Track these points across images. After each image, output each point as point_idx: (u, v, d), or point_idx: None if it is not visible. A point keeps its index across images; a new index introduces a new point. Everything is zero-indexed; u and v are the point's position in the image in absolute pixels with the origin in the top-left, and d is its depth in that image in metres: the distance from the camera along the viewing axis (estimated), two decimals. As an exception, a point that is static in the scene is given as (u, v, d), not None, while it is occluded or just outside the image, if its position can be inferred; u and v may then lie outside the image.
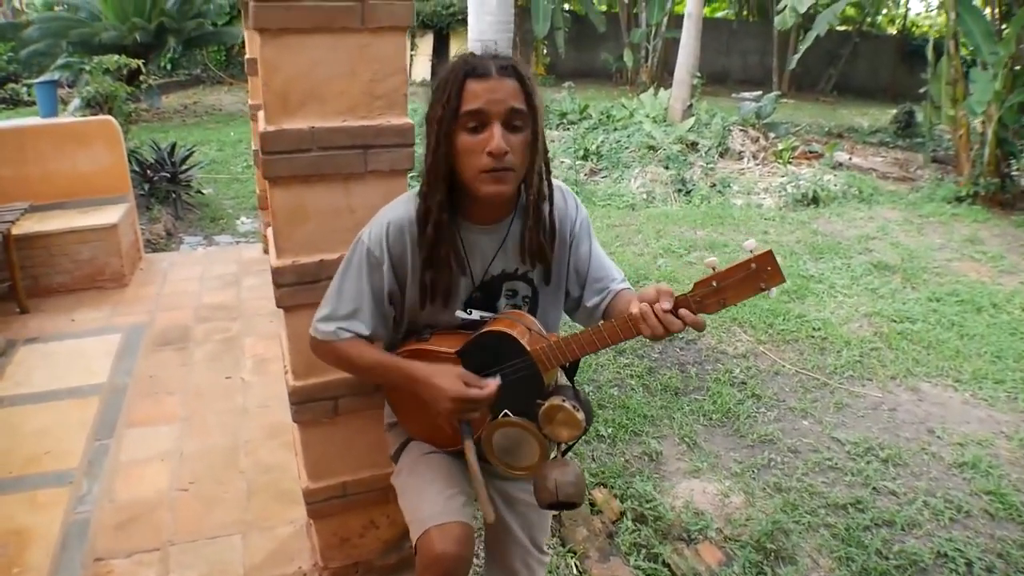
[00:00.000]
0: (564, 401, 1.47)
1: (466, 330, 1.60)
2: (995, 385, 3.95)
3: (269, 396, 3.10)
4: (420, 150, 1.59)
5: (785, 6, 8.51)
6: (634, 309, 1.36)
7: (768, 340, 4.40)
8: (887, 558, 2.63)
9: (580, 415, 1.47)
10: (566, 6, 18.24)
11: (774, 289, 1.28)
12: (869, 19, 20.95)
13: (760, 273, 1.27)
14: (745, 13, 22.41)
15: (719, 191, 8.07)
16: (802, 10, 8.50)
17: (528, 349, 1.49)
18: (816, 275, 5.42)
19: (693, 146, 9.21)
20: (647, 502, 2.85)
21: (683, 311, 1.34)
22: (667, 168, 8.39)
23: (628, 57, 17.16)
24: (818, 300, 4.99)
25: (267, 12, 1.64)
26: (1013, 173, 7.88)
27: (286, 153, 1.75)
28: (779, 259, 1.27)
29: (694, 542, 2.68)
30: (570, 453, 1.62)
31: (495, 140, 1.40)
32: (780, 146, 9.71)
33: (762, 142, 10.11)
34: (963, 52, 8.45)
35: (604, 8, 19.74)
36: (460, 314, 1.60)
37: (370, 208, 1.76)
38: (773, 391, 3.80)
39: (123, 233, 4.40)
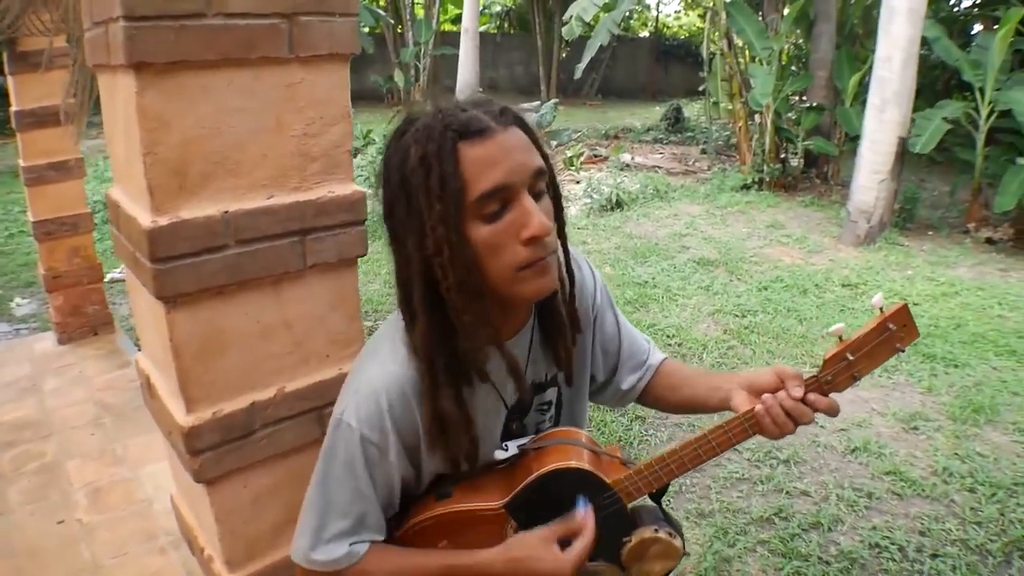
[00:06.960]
0: (657, 531, 1.13)
1: (498, 465, 1.17)
2: (848, 366, 4.05)
3: (122, 539, 2.36)
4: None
5: (571, 16, 8.67)
6: (751, 403, 1.06)
7: (629, 356, 4.25)
8: (828, 563, 2.59)
9: (678, 542, 1.13)
10: (329, 30, 17.64)
11: (906, 348, 1.03)
12: (624, 23, 22.22)
13: (897, 333, 1.02)
14: (507, 26, 22.97)
15: (526, 205, 7.98)
16: (588, 19, 8.72)
17: (608, 482, 1.11)
18: (649, 280, 5.38)
19: (487, 161, 9.09)
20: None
21: (813, 397, 1.04)
22: (468, 187, 8.16)
23: (399, 77, 16.83)
24: (661, 306, 4.94)
25: (147, 38, 1.04)
26: (790, 157, 8.48)
27: (189, 256, 1.15)
28: (607, 269, 0.97)
29: (639, 599, 2.42)
30: None
31: (535, 219, 0.94)
32: (569, 153, 9.86)
33: (546, 150, 10.22)
34: (714, 48, 8.98)
35: (368, 30, 19.31)
36: (500, 454, 1.16)
37: (313, 319, 1.24)
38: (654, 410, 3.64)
39: None
